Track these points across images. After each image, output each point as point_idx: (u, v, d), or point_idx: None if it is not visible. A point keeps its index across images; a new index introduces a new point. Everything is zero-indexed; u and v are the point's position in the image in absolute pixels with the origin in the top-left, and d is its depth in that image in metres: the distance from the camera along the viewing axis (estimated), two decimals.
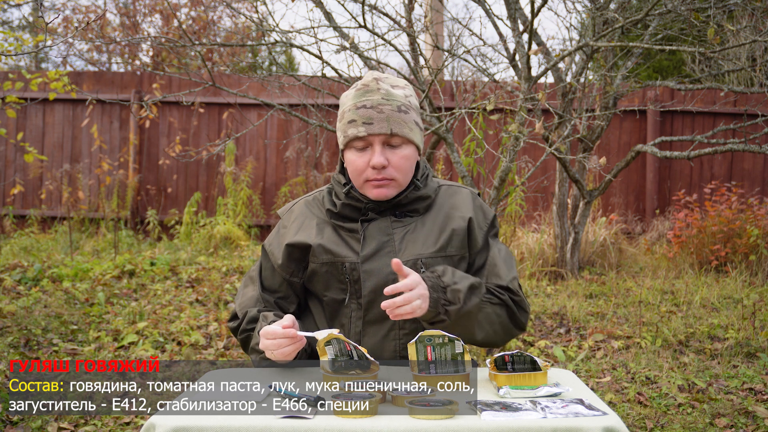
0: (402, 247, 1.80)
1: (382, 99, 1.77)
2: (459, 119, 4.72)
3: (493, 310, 1.75)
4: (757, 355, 4.10)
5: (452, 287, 1.67)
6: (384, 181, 1.78)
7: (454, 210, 1.85)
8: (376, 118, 1.76)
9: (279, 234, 1.91)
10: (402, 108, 1.78)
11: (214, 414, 1.36)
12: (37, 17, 10.83)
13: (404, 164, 1.80)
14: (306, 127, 8.02)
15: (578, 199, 6.10)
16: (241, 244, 7.33)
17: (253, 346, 1.80)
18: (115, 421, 3.13)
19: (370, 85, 1.80)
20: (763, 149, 4.59)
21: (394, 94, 1.79)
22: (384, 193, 1.80)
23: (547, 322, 4.75)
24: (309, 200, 1.93)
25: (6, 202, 8.59)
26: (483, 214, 1.88)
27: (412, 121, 1.80)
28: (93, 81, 8.73)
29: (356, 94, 1.80)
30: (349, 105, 1.80)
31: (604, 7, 5.04)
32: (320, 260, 1.82)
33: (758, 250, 6.14)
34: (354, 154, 1.79)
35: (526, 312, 1.83)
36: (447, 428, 1.29)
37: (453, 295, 1.66)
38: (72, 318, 4.75)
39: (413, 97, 1.85)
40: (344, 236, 1.83)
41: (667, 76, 10.76)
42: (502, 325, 1.77)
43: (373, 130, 1.75)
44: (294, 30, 4.56)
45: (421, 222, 1.84)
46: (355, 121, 1.77)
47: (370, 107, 1.76)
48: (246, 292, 1.92)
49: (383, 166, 1.76)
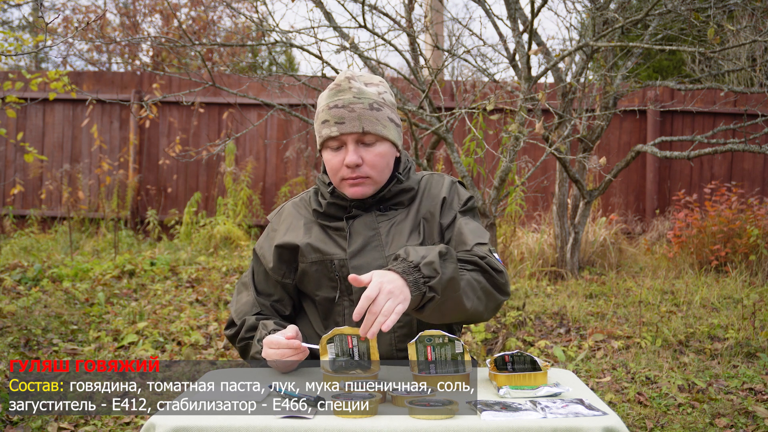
0: (388, 240, 1.81)
1: (353, 98, 1.78)
2: (459, 119, 4.71)
3: (470, 276, 1.67)
4: (757, 355, 4.10)
5: (423, 262, 1.58)
6: (359, 179, 1.79)
7: (432, 197, 1.87)
8: (348, 117, 1.76)
9: (268, 237, 1.92)
10: (374, 105, 1.79)
11: (214, 414, 1.36)
12: (37, 17, 10.83)
13: (379, 161, 1.80)
14: (306, 127, 8.02)
15: (578, 199, 6.10)
16: (241, 244, 7.33)
17: (253, 354, 1.80)
18: (115, 421, 3.13)
19: (342, 85, 1.80)
20: (763, 149, 4.59)
21: (366, 92, 1.80)
22: (360, 191, 1.80)
23: (547, 322, 4.75)
24: (296, 202, 1.95)
25: (6, 202, 8.59)
26: (457, 196, 1.88)
27: (385, 118, 1.80)
28: (93, 81, 8.73)
29: (329, 94, 1.81)
30: (322, 105, 1.81)
31: (604, 7, 5.04)
32: (309, 259, 1.82)
33: (758, 250, 6.14)
34: (329, 154, 1.81)
35: (502, 272, 1.75)
36: (447, 428, 1.29)
37: (428, 269, 1.57)
38: (72, 318, 4.75)
39: (387, 93, 1.85)
40: (331, 234, 1.84)
41: (667, 76, 10.76)
42: (484, 291, 1.69)
43: (345, 129, 1.76)
44: (294, 30, 4.56)
45: (405, 213, 1.85)
46: (328, 121, 1.78)
47: (342, 106, 1.77)
48: (240, 298, 1.92)
49: (357, 164, 1.77)
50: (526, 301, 5.13)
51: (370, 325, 1.53)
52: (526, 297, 5.34)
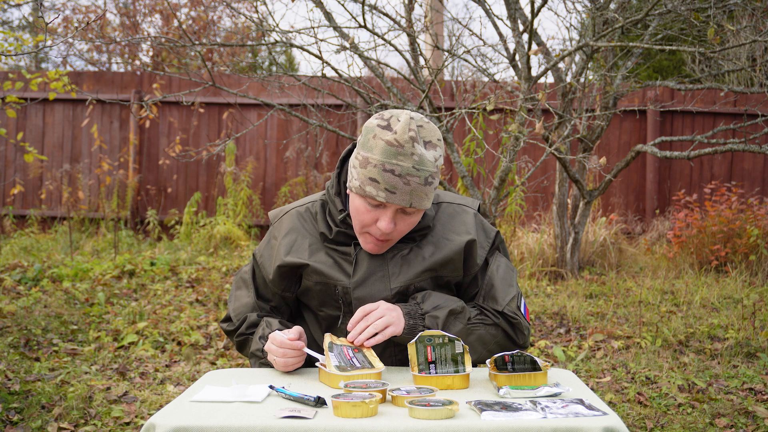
0: (395, 271, 1.75)
1: (412, 168, 1.61)
2: (459, 119, 4.71)
3: (486, 331, 1.73)
4: (757, 355, 4.10)
5: (431, 313, 1.67)
6: (383, 242, 1.72)
7: (454, 234, 1.79)
8: (401, 189, 1.62)
9: (269, 245, 1.85)
10: (428, 179, 1.64)
11: (214, 414, 1.36)
12: (37, 17, 10.83)
13: (408, 228, 1.72)
14: (306, 127, 8.02)
15: (578, 199, 6.10)
16: (241, 244, 7.33)
17: (253, 351, 1.79)
18: (115, 421, 3.13)
19: (404, 147, 1.60)
20: (763, 149, 4.59)
21: (426, 161, 1.63)
22: (377, 250, 1.74)
23: (547, 322, 4.75)
24: (301, 212, 1.85)
25: (6, 202, 8.59)
26: (485, 234, 1.82)
27: (432, 190, 1.68)
28: (93, 81, 8.73)
29: (387, 150, 1.61)
30: (376, 159, 1.62)
31: (604, 7, 5.04)
32: (313, 280, 1.78)
33: (758, 250, 6.14)
34: (363, 206, 1.67)
35: (524, 333, 1.78)
36: (447, 428, 1.29)
37: (431, 322, 1.67)
38: (72, 318, 4.75)
39: (441, 158, 1.70)
40: (337, 259, 1.77)
41: (667, 76, 10.76)
42: (499, 345, 1.75)
43: (393, 200, 1.63)
44: (294, 30, 4.56)
45: (418, 246, 1.78)
46: (377, 182, 1.62)
47: (398, 175, 1.61)
48: (240, 296, 1.88)
49: (389, 232, 1.68)
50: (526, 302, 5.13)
51: (360, 331, 1.62)
52: (526, 297, 5.34)
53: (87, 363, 3.96)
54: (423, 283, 1.75)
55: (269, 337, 1.70)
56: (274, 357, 1.68)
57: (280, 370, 1.70)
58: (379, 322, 1.63)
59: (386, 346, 1.77)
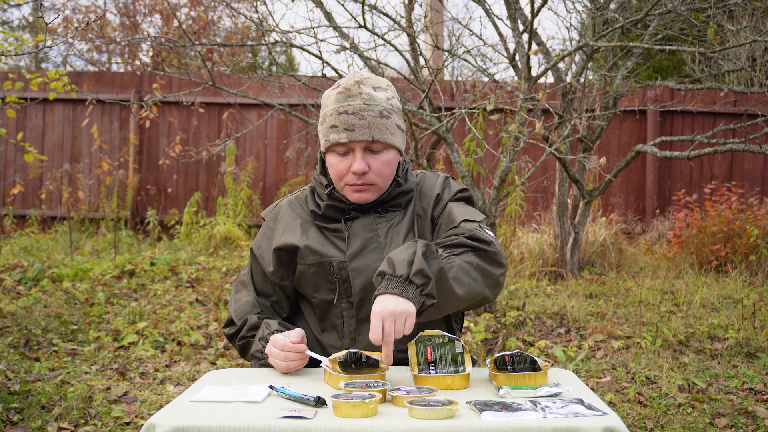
0: (387, 241, 1.80)
1: (363, 104, 1.76)
2: (459, 119, 4.71)
3: (460, 261, 1.62)
4: (757, 355, 4.10)
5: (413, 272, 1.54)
6: (364, 186, 1.79)
7: (426, 194, 1.87)
8: (358, 124, 1.75)
9: (265, 236, 1.91)
10: (384, 113, 1.77)
11: (214, 414, 1.36)
12: (37, 17, 10.83)
13: (385, 169, 1.80)
14: (306, 127, 8.02)
15: (578, 199, 6.10)
16: (241, 244, 7.33)
17: (254, 352, 1.79)
18: (115, 421, 3.13)
19: (351, 90, 1.77)
20: (763, 149, 4.59)
21: (376, 98, 1.78)
22: (364, 197, 1.80)
23: (547, 322, 4.75)
24: (291, 200, 1.94)
25: (6, 202, 8.59)
26: (449, 189, 1.88)
27: (393, 126, 1.79)
28: (93, 81, 8.73)
29: (338, 98, 1.77)
30: (330, 109, 1.78)
31: (604, 7, 5.04)
32: (308, 261, 1.81)
33: (758, 250, 6.14)
34: (335, 158, 1.79)
35: (491, 242, 1.68)
36: (447, 428, 1.28)
37: (419, 278, 1.54)
38: (72, 318, 4.75)
39: (395, 99, 1.84)
40: (329, 236, 1.83)
41: (667, 76, 10.76)
42: (478, 269, 1.64)
43: (355, 137, 1.75)
44: (294, 30, 4.56)
45: (402, 215, 1.85)
46: (336, 126, 1.76)
47: (352, 113, 1.75)
48: (240, 297, 1.91)
49: (364, 172, 1.76)
50: (526, 301, 5.13)
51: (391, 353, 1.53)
52: (526, 297, 5.34)
53: (87, 363, 3.96)
54: None
55: (270, 340, 1.70)
56: (275, 360, 1.69)
57: (281, 371, 1.70)
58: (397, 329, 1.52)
59: None
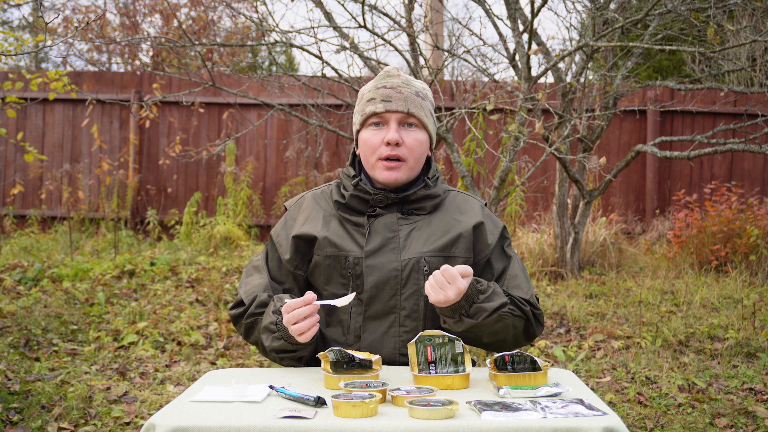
0: (406, 243, 1.81)
1: (401, 83, 1.85)
2: (459, 119, 4.71)
3: (512, 321, 1.75)
4: (757, 355, 4.10)
5: (479, 304, 1.69)
6: (395, 162, 1.81)
7: (462, 214, 1.87)
8: (395, 97, 1.82)
9: (286, 225, 1.92)
10: (420, 94, 1.85)
11: (214, 414, 1.36)
12: (37, 17, 10.82)
13: (417, 147, 1.84)
14: (306, 127, 8.02)
15: (578, 199, 6.10)
16: (241, 244, 7.33)
17: (266, 325, 1.74)
18: (115, 421, 3.13)
19: (391, 72, 1.88)
20: (763, 149, 4.59)
21: (414, 82, 1.88)
22: (394, 176, 1.82)
23: (547, 322, 4.75)
24: (317, 193, 1.96)
25: (6, 202, 8.59)
26: (493, 222, 1.91)
27: (428, 109, 1.87)
28: (93, 81, 8.73)
29: (378, 78, 1.88)
30: (369, 86, 1.87)
31: (604, 7, 5.04)
32: (324, 253, 1.82)
33: (758, 250, 6.14)
34: (370, 132, 1.84)
35: (541, 325, 1.84)
36: (447, 428, 1.28)
37: (475, 311, 1.69)
38: (72, 318, 4.75)
39: (430, 93, 1.92)
40: (350, 230, 1.84)
41: (667, 76, 10.76)
42: (515, 336, 1.78)
43: (391, 107, 1.81)
44: (294, 30, 4.56)
45: (428, 221, 1.85)
46: (374, 99, 1.83)
47: (390, 87, 1.83)
48: (251, 280, 1.89)
49: (397, 142, 1.80)
50: None
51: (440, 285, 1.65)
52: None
53: (87, 363, 3.96)
54: (434, 260, 1.79)
55: (282, 309, 1.67)
56: (290, 324, 1.64)
57: (297, 337, 1.65)
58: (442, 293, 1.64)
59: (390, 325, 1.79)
